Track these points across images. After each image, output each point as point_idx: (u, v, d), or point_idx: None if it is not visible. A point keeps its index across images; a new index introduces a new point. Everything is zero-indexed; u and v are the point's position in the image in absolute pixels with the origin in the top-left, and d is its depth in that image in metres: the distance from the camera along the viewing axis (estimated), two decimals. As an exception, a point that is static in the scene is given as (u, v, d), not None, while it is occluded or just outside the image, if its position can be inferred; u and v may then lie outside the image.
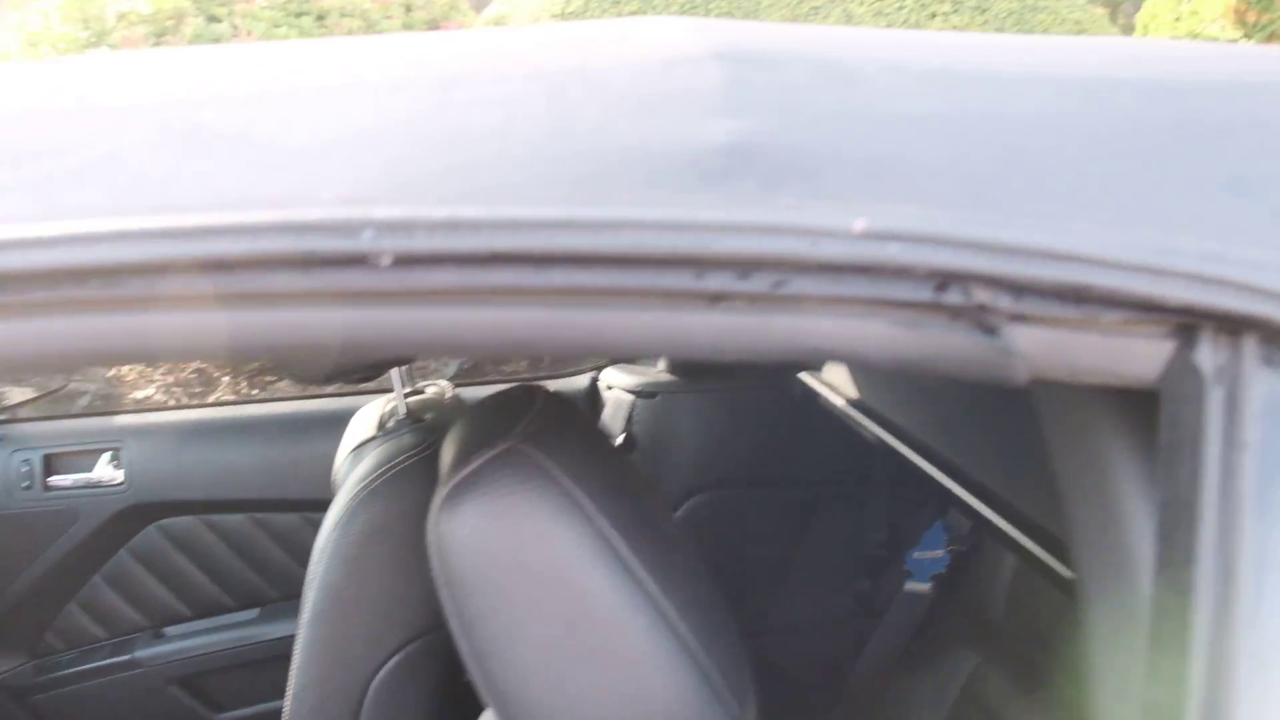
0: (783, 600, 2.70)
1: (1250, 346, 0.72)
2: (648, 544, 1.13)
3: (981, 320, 0.73)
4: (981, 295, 0.71)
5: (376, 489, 1.66)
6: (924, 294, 0.71)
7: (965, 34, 1.10)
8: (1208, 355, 0.72)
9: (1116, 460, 0.81)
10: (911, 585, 2.59)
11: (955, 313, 0.72)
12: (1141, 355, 0.73)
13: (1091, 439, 0.84)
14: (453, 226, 0.69)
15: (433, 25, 10.25)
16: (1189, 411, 0.72)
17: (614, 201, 0.71)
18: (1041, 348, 0.72)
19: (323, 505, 1.74)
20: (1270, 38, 9.01)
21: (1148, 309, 0.71)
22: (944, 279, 0.71)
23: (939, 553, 2.58)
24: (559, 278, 0.70)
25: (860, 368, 0.73)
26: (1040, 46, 0.99)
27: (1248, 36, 9.08)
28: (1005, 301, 0.71)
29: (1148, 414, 0.79)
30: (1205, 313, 0.71)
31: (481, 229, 0.69)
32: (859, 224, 0.70)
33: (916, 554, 2.59)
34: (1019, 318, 0.72)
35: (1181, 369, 0.73)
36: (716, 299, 0.71)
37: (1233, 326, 0.72)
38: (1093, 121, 0.80)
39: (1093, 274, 0.70)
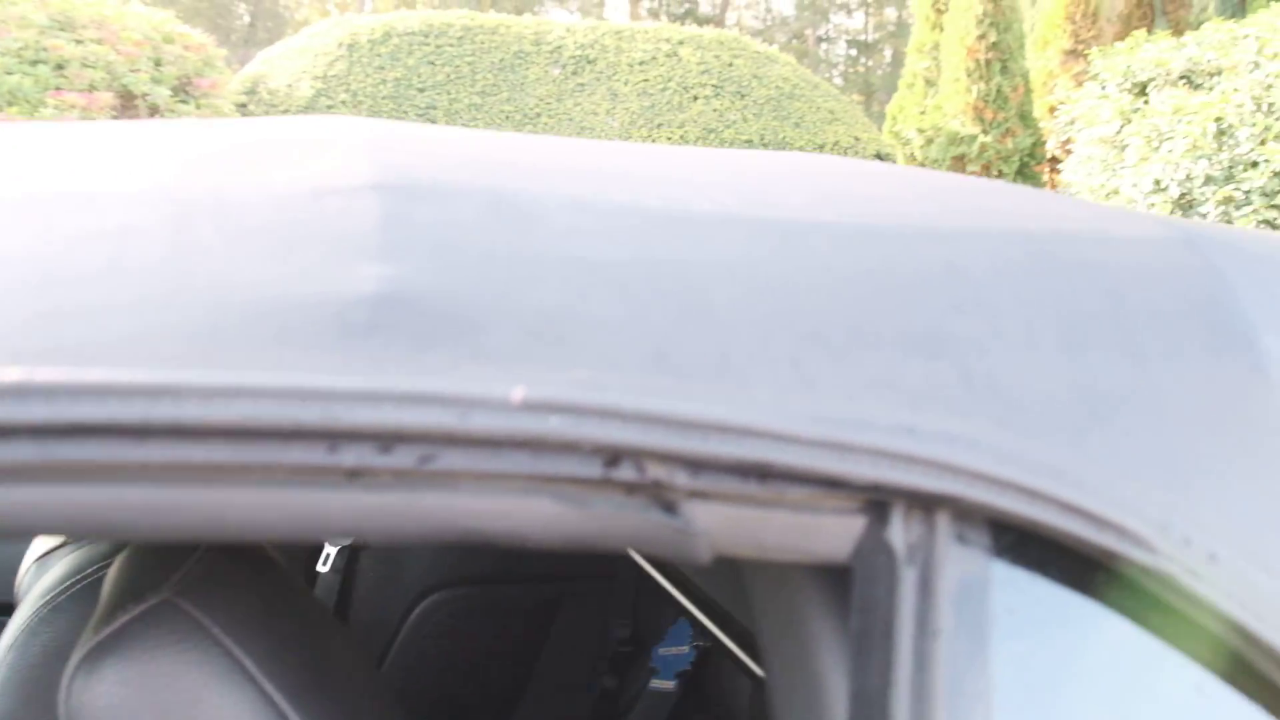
0: (526, 701, 2.58)
1: (943, 524, 0.68)
2: (327, 705, 1.00)
3: (658, 497, 0.65)
4: (656, 471, 0.64)
5: (61, 605, 1.47)
6: (593, 470, 0.63)
7: (671, 154, 1.05)
8: (899, 533, 0.67)
9: (818, 641, 0.75)
10: (656, 683, 2.52)
11: (629, 489, 0.65)
12: (831, 533, 0.67)
13: (794, 615, 0.78)
14: (22, 393, 0.57)
15: (183, 81, 9.82)
16: (881, 593, 0.67)
17: (233, 362, 0.60)
18: (724, 525, 0.65)
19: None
20: (1005, 134, 9.66)
21: (834, 486, 0.65)
22: (614, 454, 0.63)
23: (684, 648, 2.52)
24: (160, 452, 0.59)
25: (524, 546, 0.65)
26: (742, 175, 0.94)
27: (985, 132, 9.71)
28: (682, 478, 0.64)
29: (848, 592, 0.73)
30: (895, 490, 0.66)
31: (58, 396, 0.57)
32: (517, 393, 0.61)
33: (662, 650, 2.53)
34: (698, 494, 0.65)
35: (873, 547, 0.67)
36: (354, 475, 0.61)
37: (925, 504, 0.67)
38: (785, 271, 0.74)
39: (773, 450, 0.63)
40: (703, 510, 0.65)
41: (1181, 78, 7.73)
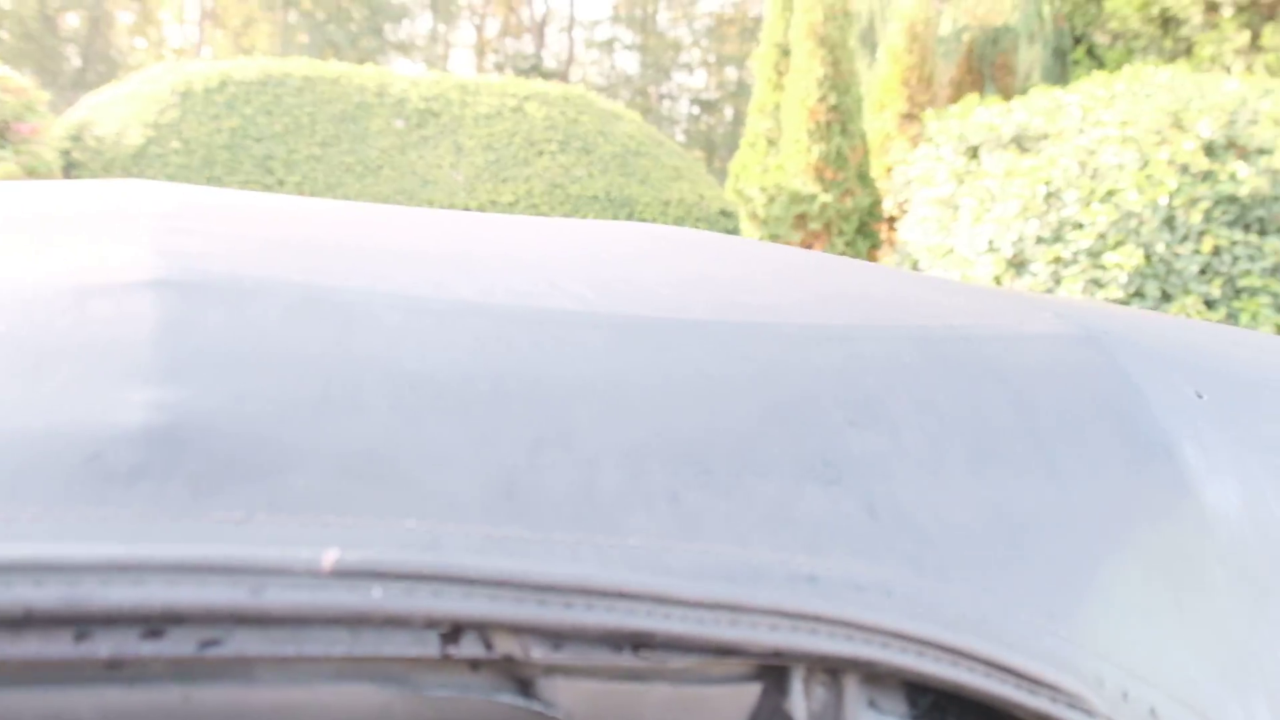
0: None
1: (852, 690, 0.56)
2: None
3: (510, 674, 0.53)
4: (507, 646, 0.51)
5: None
6: (428, 648, 0.50)
7: (520, 228, 0.93)
8: (800, 703, 0.56)
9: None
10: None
11: (473, 667, 0.52)
12: (720, 706, 0.55)
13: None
14: None
15: (3, 127, 9.27)
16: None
17: (-59, 524, 0.45)
18: (591, 704, 0.53)
19: None
20: (845, 193, 9.87)
21: (725, 653, 0.54)
22: (454, 627, 0.50)
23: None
24: None
25: None
26: (601, 257, 0.83)
27: (825, 190, 9.91)
28: (539, 652, 0.51)
29: None
30: (796, 655, 0.54)
31: None
32: (328, 558, 0.48)
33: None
34: (559, 670, 0.52)
35: (769, 718, 0.56)
36: (114, 666, 0.47)
37: (830, 668, 0.56)
38: (657, 383, 0.63)
39: (652, 617, 0.51)
40: (565, 688, 0.52)
41: (1012, 141, 8.01)
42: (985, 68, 11.19)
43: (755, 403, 0.63)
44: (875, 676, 0.57)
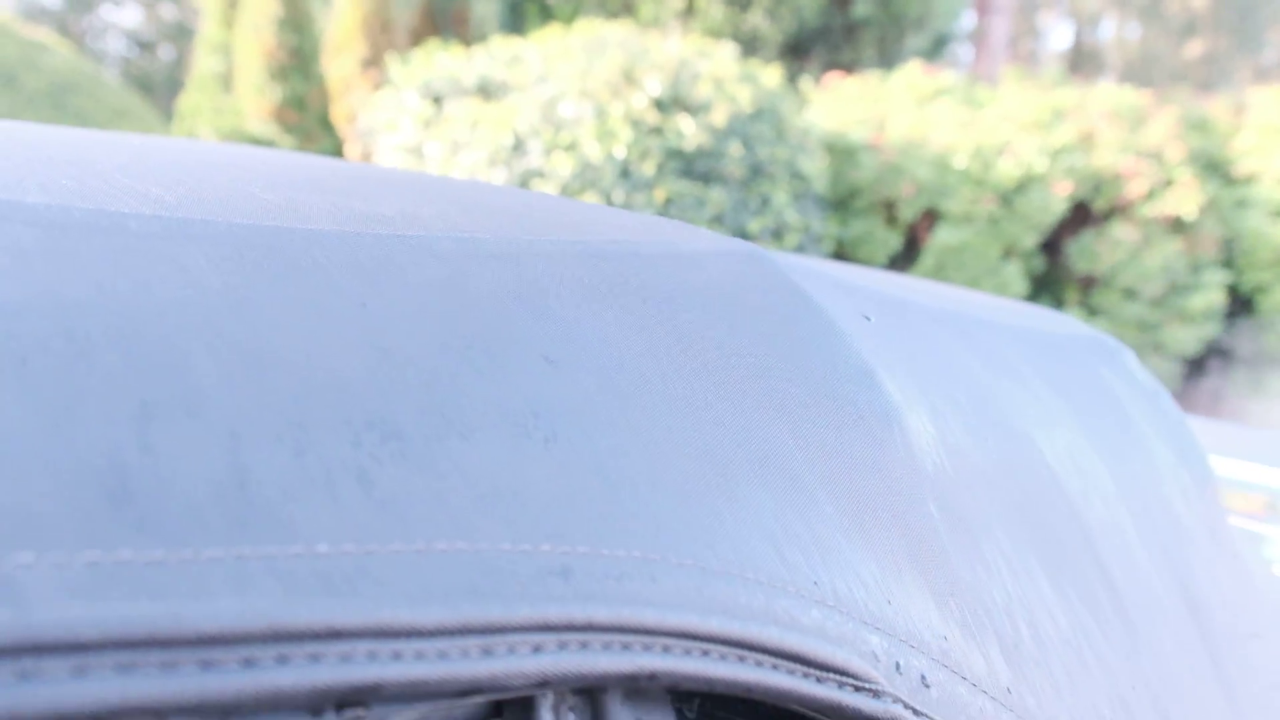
0: None
1: (614, 708, 0.42)
2: None
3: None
4: None
5: None
6: None
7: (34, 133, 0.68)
8: None
9: None
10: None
11: None
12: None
13: None
14: None
15: None
16: None
17: None
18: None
19: None
20: (306, 138, 9.44)
21: (471, 693, 0.38)
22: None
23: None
24: None
25: None
26: (165, 156, 0.61)
27: (287, 134, 9.44)
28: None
29: None
30: (568, 681, 0.39)
31: None
32: None
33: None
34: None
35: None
36: None
37: (584, 688, 0.42)
38: (310, 313, 0.44)
39: (378, 662, 0.34)
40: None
41: (476, 90, 8.06)
42: (442, 19, 11.16)
43: (433, 338, 0.47)
44: (637, 691, 0.44)
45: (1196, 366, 7.67)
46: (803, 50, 10.95)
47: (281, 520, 0.35)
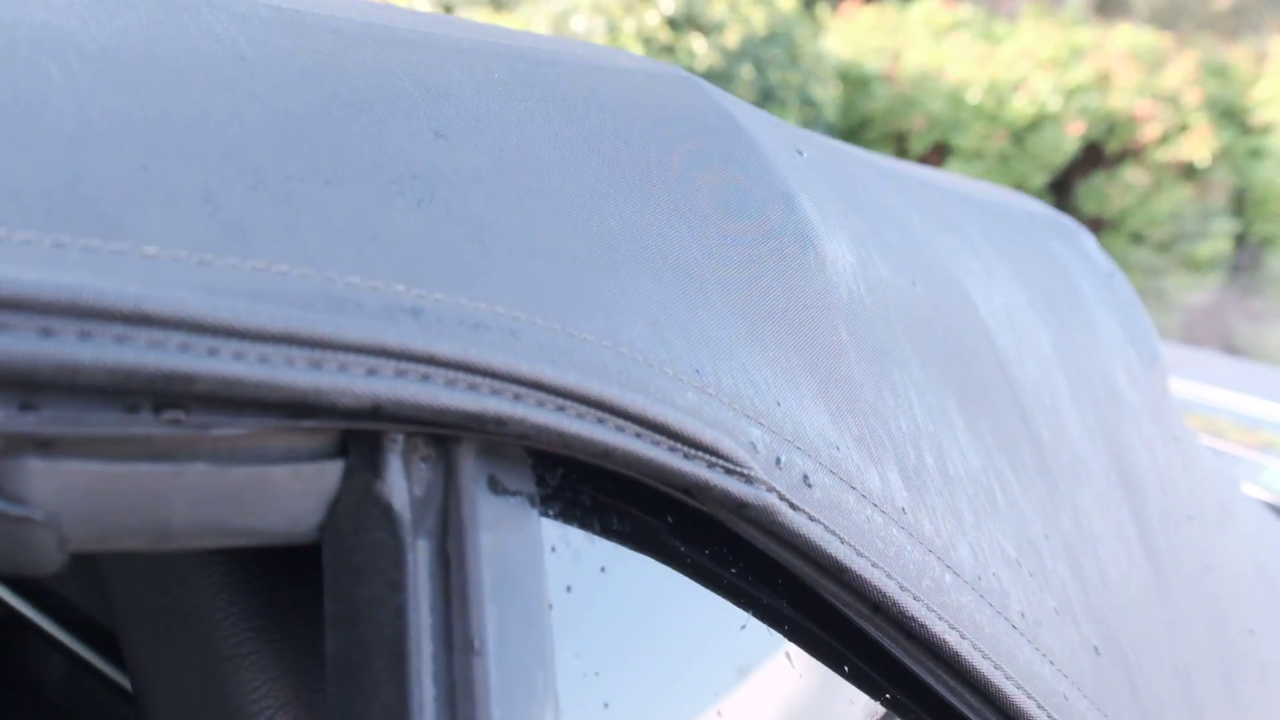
0: None
1: (467, 465, 0.42)
2: None
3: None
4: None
5: None
6: None
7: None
8: (400, 485, 0.40)
9: (229, 659, 0.46)
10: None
11: None
12: (286, 493, 0.39)
13: (185, 615, 0.48)
14: None
15: None
16: (377, 589, 0.40)
17: None
18: (89, 497, 0.34)
19: None
20: None
21: (293, 413, 0.37)
22: None
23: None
24: None
25: None
26: None
27: None
28: (3, 414, 0.32)
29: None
30: (397, 416, 0.39)
31: None
32: None
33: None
34: (37, 445, 0.33)
35: (357, 512, 0.40)
36: None
37: (437, 435, 0.41)
38: (177, 52, 0.43)
39: (193, 354, 0.33)
40: (44, 476, 0.33)
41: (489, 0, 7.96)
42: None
43: (313, 96, 0.45)
44: (493, 446, 0.43)
45: (1202, 313, 7.63)
46: (822, -23, 10.77)
47: (109, 219, 0.34)
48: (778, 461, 0.50)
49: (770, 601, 0.54)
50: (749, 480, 0.48)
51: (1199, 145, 6.90)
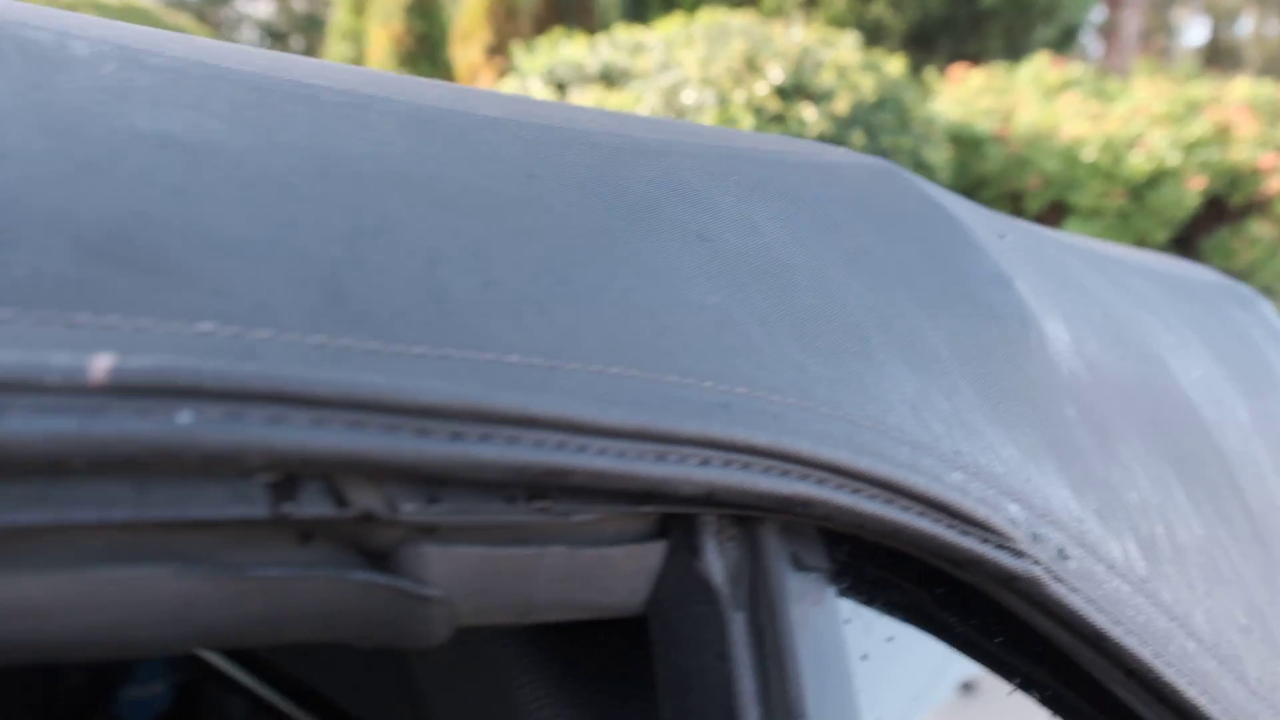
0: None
1: (771, 543, 0.45)
2: None
3: (363, 542, 0.37)
4: (367, 499, 0.35)
5: None
6: (252, 507, 0.33)
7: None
8: (715, 561, 0.44)
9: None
10: (122, 736, 2.06)
11: (306, 536, 0.36)
12: (623, 570, 0.43)
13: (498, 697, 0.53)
14: None
15: None
16: (706, 657, 0.43)
17: None
18: (470, 577, 0.39)
19: None
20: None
21: (639, 499, 0.41)
22: (290, 472, 0.34)
23: (158, 687, 2.08)
24: None
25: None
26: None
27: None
28: (411, 506, 0.36)
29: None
30: (730, 496, 0.42)
31: None
32: (99, 365, 0.30)
33: (130, 692, 2.07)
34: (431, 533, 0.37)
35: (680, 585, 0.44)
36: None
37: (745, 515, 0.45)
38: (488, 178, 0.48)
39: (567, 451, 0.38)
40: (437, 559, 0.37)
41: (599, 77, 8.14)
42: (565, 7, 11.29)
43: (596, 208, 0.50)
44: (791, 526, 0.46)
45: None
46: (927, 41, 10.80)
47: (476, 331, 0.39)
48: (1035, 536, 0.53)
49: (1029, 670, 0.56)
50: (1017, 554, 0.51)
51: (1327, 196, 6.73)
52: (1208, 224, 7.25)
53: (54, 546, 0.31)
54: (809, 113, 6.82)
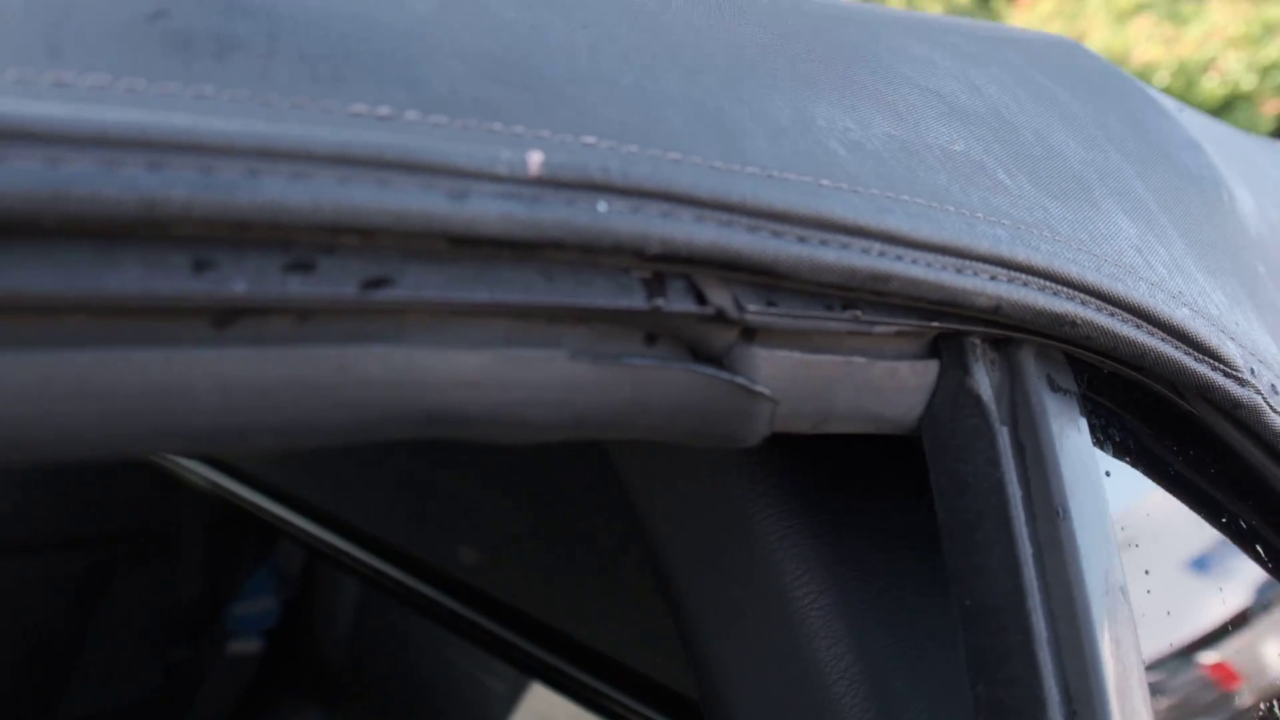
0: (75, 688, 2.11)
1: (1029, 366, 0.49)
2: None
3: (702, 343, 0.41)
4: (720, 298, 0.40)
5: None
6: (632, 299, 0.38)
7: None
8: (984, 380, 0.48)
9: (779, 549, 0.55)
10: (237, 645, 2.16)
11: (651, 339, 0.40)
12: (909, 383, 0.47)
13: (731, 515, 0.57)
14: None
15: None
16: (979, 465, 0.47)
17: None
18: (789, 380, 0.43)
19: None
20: None
21: (941, 312, 0.45)
22: (659, 271, 0.38)
23: (268, 602, 2.18)
24: None
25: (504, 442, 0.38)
26: None
27: None
28: (755, 306, 0.40)
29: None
30: (1014, 311, 0.46)
31: None
32: (535, 159, 0.34)
33: (240, 608, 2.17)
34: (762, 336, 0.42)
35: (953, 402, 0.48)
36: (230, 317, 0.32)
37: (1005, 338, 0.49)
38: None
39: (887, 258, 0.42)
40: (765, 361, 0.42)
41: None
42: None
43: (854, 64, 0.53)
44: (1044, 351, 0.50)
45: None
46: (993, -34, 10.59)
47: (830, 165, 0.43)
48: (1252, 371, 0.56)
49: (1233, 505, 0.60)
50: (1241, 383, 0.54)
51: None
52: (1284, 149, 7.12)
53: (480, 327, 0.36)
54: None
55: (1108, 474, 0.52)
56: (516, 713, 1.96)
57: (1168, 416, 0.56)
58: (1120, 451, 0.56)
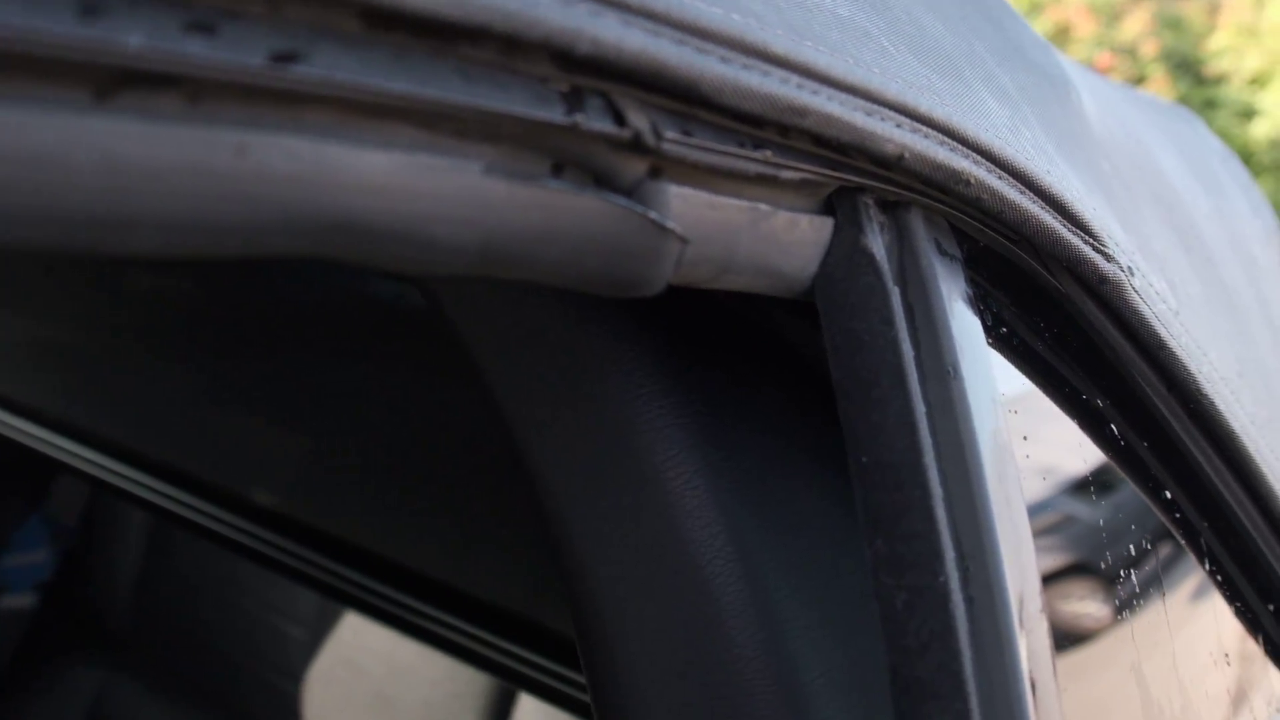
0: None
1: (918, 228, 0.49)
2: None
3: (612, 176, 0.39)
4: (638, 121, 0.37)
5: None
6: (551, 111, 0.35)
7: None
8: (876, 240, 0.47)
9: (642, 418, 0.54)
10: (6, 601, 2.01)
11: (558, 168, 0.37)
12: (806, 239, 0.46)
13: (587, 378, 0.55)
14: None
15: None
16: (873, 324, 0.47)
17: None
18: (695, 223, 0.41)
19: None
20: None
21: (846, 155, 0.44)
22: (576, 85, 0.36)
23: (41, 554, 2.03)
24: None
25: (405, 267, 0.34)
26: None
27: None
28: (672, 134, 0.38)
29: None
30: (913, 161, 0.46)
31: None
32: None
33: (10, 560, 2.01)
34: (675, 168, 0.40)
35: (847, 261, 0.47)
36: (121, 82, 0.27)
37: (895, 199, 0.48)
38: None
39: (804, 91, 0.40)
40: (675, 198, 0.40)
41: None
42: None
43: None
44: (929, 217, 0.50)
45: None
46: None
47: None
48: (1115, 247, 0.58)
49: (1087, 386, 0.62)
50: (1109, 259, 0.56)
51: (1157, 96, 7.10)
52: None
53: (390, 129, 0.32)
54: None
55: (988, 337, 0.52)
56: (317, 659, 1.90)
57: (1035, 295, 0.57)
58: (990, 329, 0.57)
